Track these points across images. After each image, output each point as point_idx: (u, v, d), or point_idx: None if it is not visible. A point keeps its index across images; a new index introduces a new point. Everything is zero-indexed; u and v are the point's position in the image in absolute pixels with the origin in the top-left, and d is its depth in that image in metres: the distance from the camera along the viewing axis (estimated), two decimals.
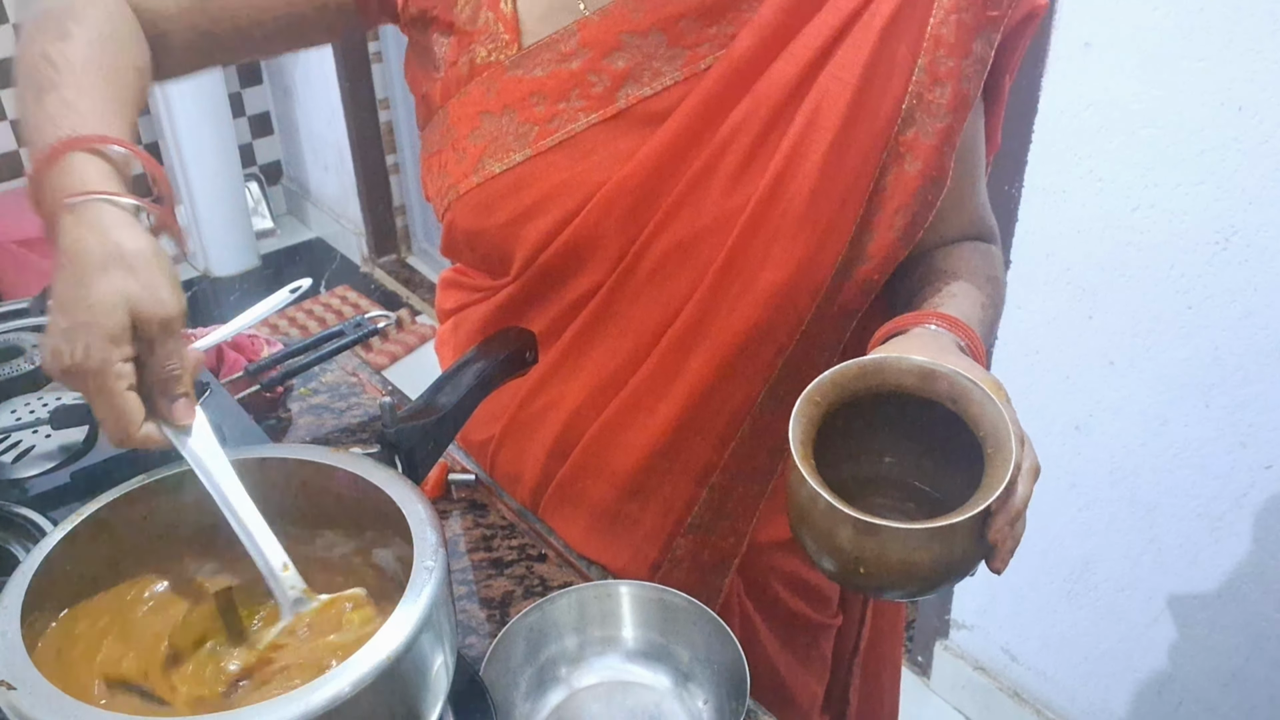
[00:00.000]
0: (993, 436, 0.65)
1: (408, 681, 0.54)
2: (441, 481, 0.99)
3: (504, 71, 0.83)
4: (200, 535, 0.66)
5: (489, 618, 0.86)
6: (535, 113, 0.82)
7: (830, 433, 0.69)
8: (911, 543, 0.63)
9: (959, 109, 0.80)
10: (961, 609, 1.94)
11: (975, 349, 0.76)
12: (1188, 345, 1.41)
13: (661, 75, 0.80)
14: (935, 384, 0.68)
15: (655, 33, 0.80)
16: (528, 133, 0.82)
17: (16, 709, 0.50)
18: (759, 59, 0.79)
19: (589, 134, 0.81)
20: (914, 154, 0.80)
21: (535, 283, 0.88)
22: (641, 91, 0.81)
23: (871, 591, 0.69)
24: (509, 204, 0.84)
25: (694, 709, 0.78)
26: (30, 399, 0.94)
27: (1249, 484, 1.42)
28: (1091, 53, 1.37)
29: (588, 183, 0.81)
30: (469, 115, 0.84)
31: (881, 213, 0.81)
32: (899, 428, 0.74)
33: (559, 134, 0.81)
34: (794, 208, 0.79)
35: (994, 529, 0.64)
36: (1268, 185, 1.26)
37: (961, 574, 0.66)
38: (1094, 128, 1.41)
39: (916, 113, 0.79)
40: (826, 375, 0.69)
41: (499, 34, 0.83)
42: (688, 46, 0.80)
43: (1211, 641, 1.55)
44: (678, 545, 0.93)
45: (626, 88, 0.81)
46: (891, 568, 0.64)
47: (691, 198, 0.81)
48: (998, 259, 0.93)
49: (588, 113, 0.81)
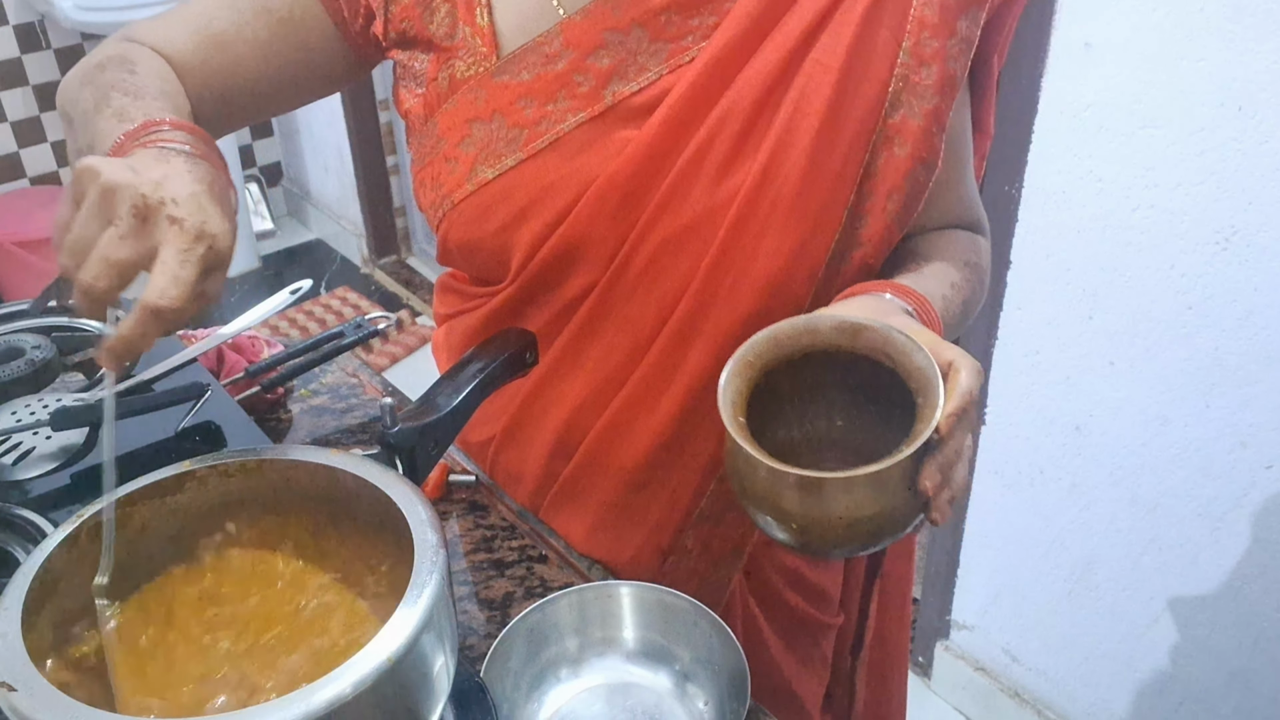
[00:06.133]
0: (922, 387, 0.65)
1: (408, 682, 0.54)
2: (442, 482, 0.99)
3: (490, 78, 0.83)
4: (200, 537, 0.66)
5: (489, 618, 0.86)
6: (524, 116, 0.82)
7: (777, 397, 0.69)
8: (842, 492, 0.63)
9: (946, 89, 0.80)
10: (962, 610, 1.94)
11: (925, 315, 0.77)
12: (1188, 345, 1.41)
13: (646, 70, 0.81)
14: (864, 338, 0.68)
15: (637, 28, 0.80)
16: (517, 137, 0.82)
17: (16, 709, 0.50)
18: (741, 49, 0.79)
19: (577, 133, 0.82)
20: (903, 137, 0.80)
21: (531, 285, 0.88)
22: (628, 87, 0.81)
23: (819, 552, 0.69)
24: (502, 209, 0.84)
25: (694, 710, 0.78)
26: (30, 400, 0.94)
27: (1249, 484, 1.42)
28: (1091, 53, 1.37)
29: (577, 181, 0.82)
30: (458, 124, 0.84)
31: (874, 197, 0.81)
32: (846, 389, 0.74)
33: (548, 135, 0.82)
34: (784, 195, 0.79)
35: (924, 476, 0.64)
36: (1268, 185, 1.26)
37: (903, 525, 0.65)
38: (1094, 128, 1.41)
39: (903, 95, 0.79)
40: (760, 334, 0.69)
41: (476, 47, 0.84)
42: (670, 40, 0.80)
43: (1212, 641, 1.55)
44: (687, 536, 0.93)
45: (613, 85, 0.81)
46: (834, 522, 0.64)
47: (681, 190, 0.81)
48: (982, 248, 0.92)
49: (575, 112, 0.81)
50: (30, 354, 0.98)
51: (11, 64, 2.90)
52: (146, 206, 0.59)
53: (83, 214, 0.59)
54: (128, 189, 0.58)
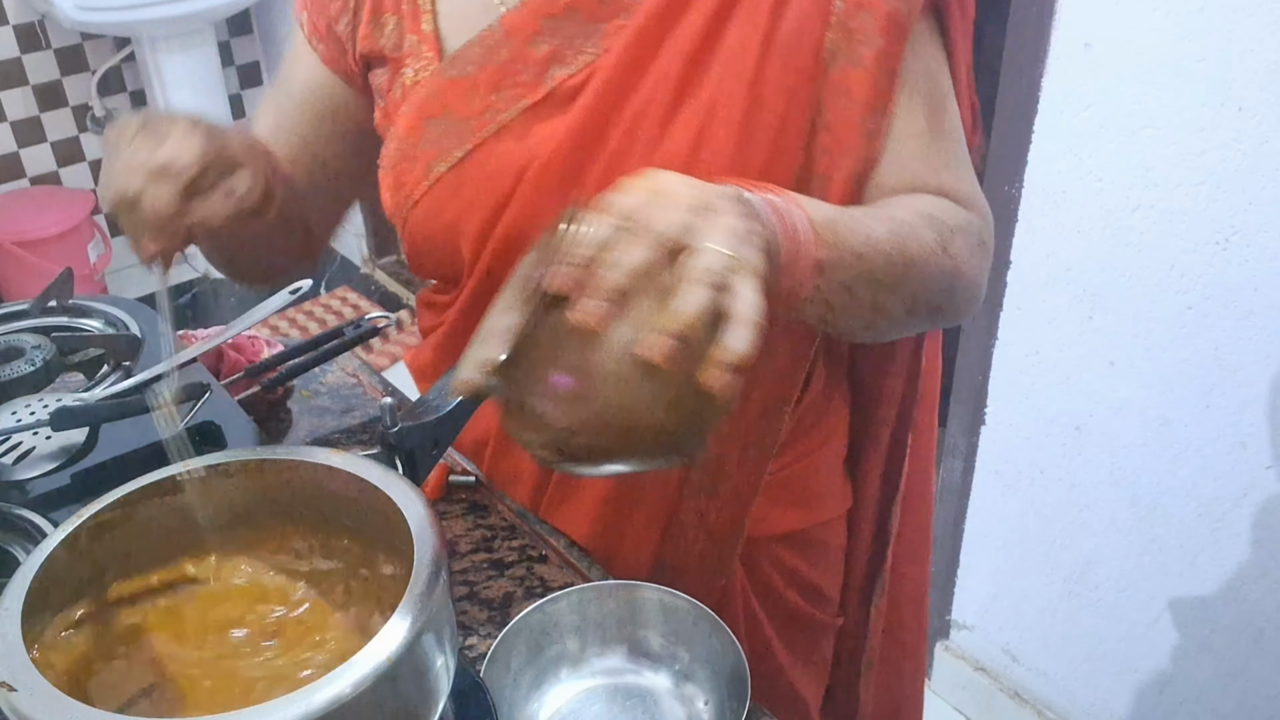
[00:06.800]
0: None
1: (408, 683, 0.54)
2: (442, 482, 0.99)
3: (440, 75, 0.85)
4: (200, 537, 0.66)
5: (489, 618, 0.86)
6: (471, 108, 0.83)
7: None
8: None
9: (891, 30, 0.77)
10: (962, 610, 1.94)
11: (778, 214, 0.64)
12: (1188, 345, 1.41)
13: (583, 53, 0.81)
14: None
15: (571, 12, 0.81)
16: (466, 128, 0.84)
17: (16, 710, 0.50)
18: (666, 18, 0.79)
19: (520, 120, 0.83)
20: (848, 86, 0.78)
21: (489, 279, 0.87)
22: (565, 71, 0.82)
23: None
24: (455, 202, 0.85)
25: (694, 710, 0.78)
26: (31, 400, 0.94)
27: (1249, 484, 1.42)
28: (1091, 53, 1.37)
29: (518, 167, 0.82)
30: (416, 124, 0.86)
31: (830, 155, 0.80)
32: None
33: (493, 124, 0.83)
34: (719, 160, 0.78)
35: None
36: (1268, 185, 1.26)
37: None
38: (1094, 128, 1.41)
39: (842, 45, 0.78)
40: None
41: (422, 53, 0.86)
42: (603, 20, 0.81)
43: (1212, 641, 1.55)
44: (684, 511, 0.93)
45: (552, 70, 0.82)
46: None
47: (617, 166, 0.80)
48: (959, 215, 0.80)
49: (518, 100, 0.83)
50: (30, 354, 0.98)
51: (11, 64, 2.90)
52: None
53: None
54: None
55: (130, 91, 3.10)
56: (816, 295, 0.67)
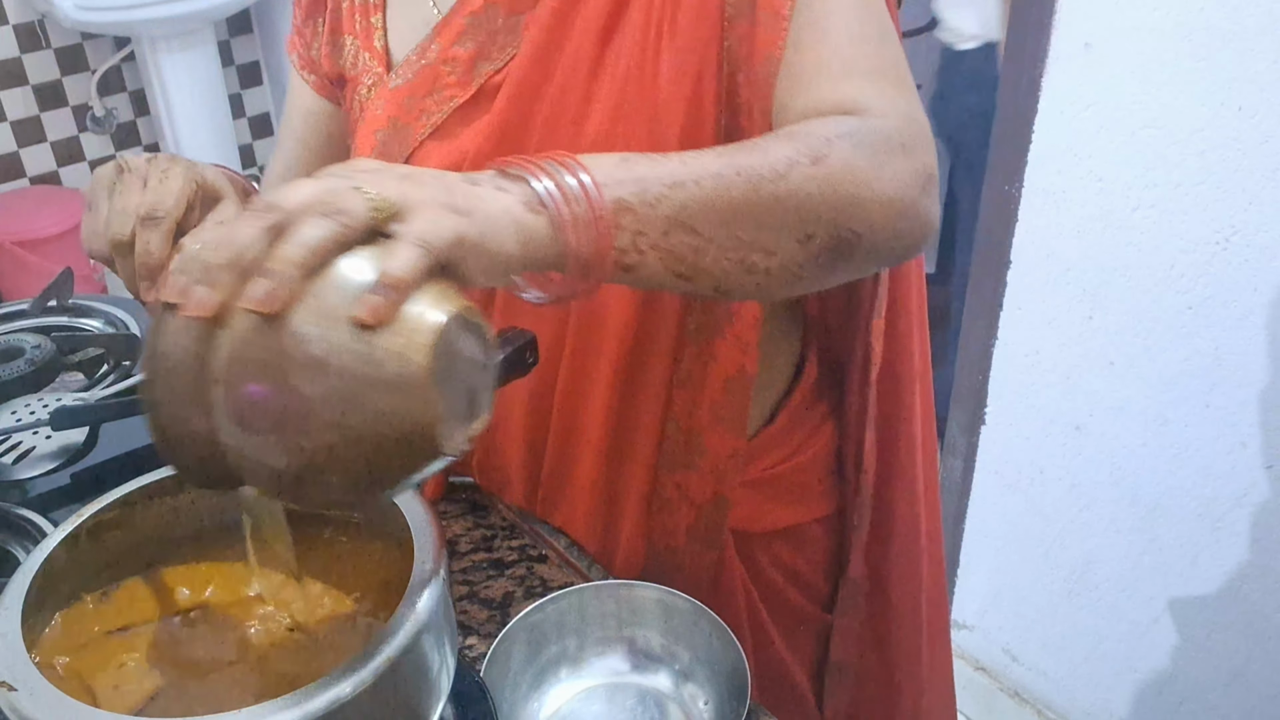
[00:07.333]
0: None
1: (408, 682, 0.54)
2: (441, 482, 0.99)
3: (385, 86, 0.87)
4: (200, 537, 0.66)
5: (489, 618, 0.86)
6: (410, 114, 0.85)
7: None
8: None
9: None
10: (962, 609, 1.94)
11: (549, 174, 0.59)
12: (1188, 345, 1.41)
13: (507, 47, 0.82)
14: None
15: (490, 7, 0.82)
16: (407, 134, 0.85)
17: (16, 709, 0.50)
18: (571, 4, 0.79)
19: (452, 119, 0.84)
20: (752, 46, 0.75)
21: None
22: (491, 66, 0.82)
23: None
24: None
25: (694, 710, 0.78)
26: (30, 400, 0.94)
27: (1249, 484, 1.42)
28: (1091, 53, 1.37)
29: (448, 166, 0.82)
30: (367, 138, 0.87)
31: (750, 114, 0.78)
32: None
33: (427, 127, 0.84)
34: (636, 133, 0.78)
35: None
36: (1268, 185, 1.26)
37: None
38: (1094, 128, 1.41)
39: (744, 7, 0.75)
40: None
41: (373, 69, 0.88)
42: (522, 10, 0.81)
43: (1212, 641, 1.55)
44: (664, 485, 0.93)
45: (479, 66, 0.83)
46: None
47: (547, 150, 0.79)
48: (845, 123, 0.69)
49: (450, 99, 0.84)
50: (30, 354, 0.98)
51: (12, 64, 2.90)
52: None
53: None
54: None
55: (130, 91, 3.09)
56: (641, 240, 0.60)
